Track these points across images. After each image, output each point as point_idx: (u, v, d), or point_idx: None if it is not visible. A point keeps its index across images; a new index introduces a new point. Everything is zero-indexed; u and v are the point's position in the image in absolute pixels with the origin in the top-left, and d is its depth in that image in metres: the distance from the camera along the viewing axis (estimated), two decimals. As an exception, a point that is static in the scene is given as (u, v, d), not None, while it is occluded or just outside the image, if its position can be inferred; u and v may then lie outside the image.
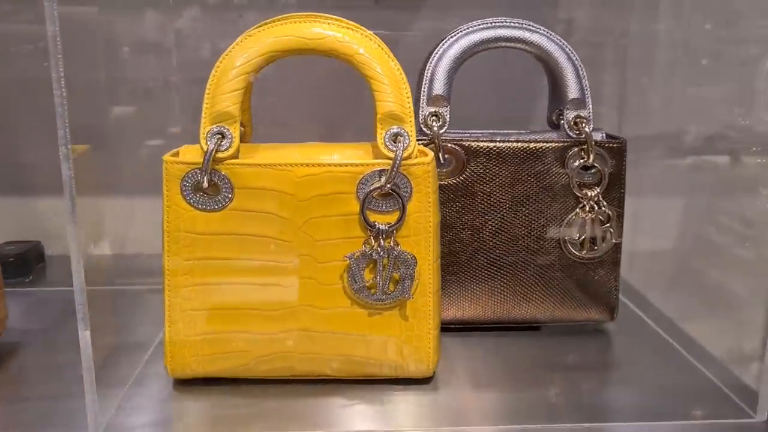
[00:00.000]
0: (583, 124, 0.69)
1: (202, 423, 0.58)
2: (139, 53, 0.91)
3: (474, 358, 0.69)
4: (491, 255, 0.71)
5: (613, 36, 0.95)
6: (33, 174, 0.97)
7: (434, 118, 0.69)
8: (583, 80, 0.71)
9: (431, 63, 0.70)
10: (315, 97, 0.95)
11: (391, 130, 0.58)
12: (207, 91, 0.58)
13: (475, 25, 0.71)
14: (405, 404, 0.61)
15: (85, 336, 0.53)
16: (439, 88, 0.70)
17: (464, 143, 0.69)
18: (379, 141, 0.58)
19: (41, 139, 0.96)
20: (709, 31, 0.88)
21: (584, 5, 0.94)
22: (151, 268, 0.98)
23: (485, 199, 0.70)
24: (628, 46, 0.94)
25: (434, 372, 0.63)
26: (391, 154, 0.58)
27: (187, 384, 0.63)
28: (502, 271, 0.71)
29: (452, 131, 0.71)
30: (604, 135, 0.72)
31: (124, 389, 0.62)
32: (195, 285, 0.59)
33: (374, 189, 0.58)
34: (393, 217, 0.58)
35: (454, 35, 0.70)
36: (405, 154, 0.58)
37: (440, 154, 0.68)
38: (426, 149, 0.61)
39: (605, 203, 0.70)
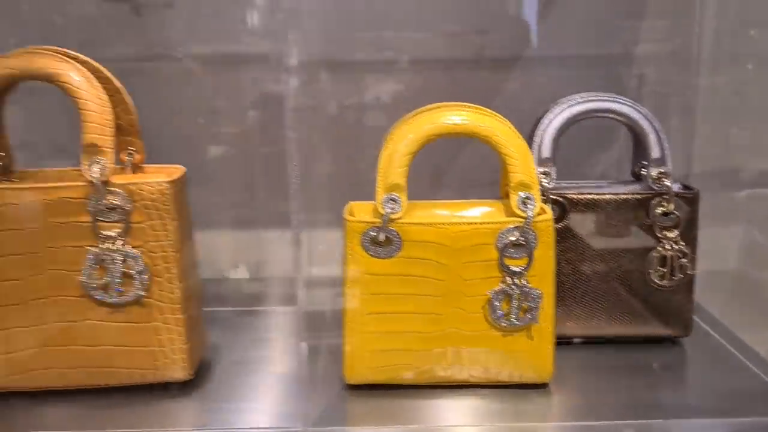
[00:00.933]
0: (664, 180, 0.86)
1: (375, 416, 0.76)
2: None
3: (577, 366, 0.86)
4: (589, 284, 0.88)
5: (677, 87, 1.12)
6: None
7: (543, 176, 0.87)
8: (663, 142, 0.87)
9: (540, 130, 0.87)
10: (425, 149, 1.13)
11: (522, 195, 0.76)
12: (379, 167, 0.76)
13: (575, 100, 0.87)
14: (529, 404, 0.78)
15: (302, 347, 0.72)
16: (546, 152, 0.87)
17: (567, 195, 0.87)
18: (513, 204, 0.76)
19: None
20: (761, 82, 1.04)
21: (653, 63, 1.10)
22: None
23: (583, 240, 0.87)
24: (694, 96, 1.10)
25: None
26: (523, 215, 0.75)
27: (355, 388, 0.81)
28: (597, 297, 0.88)
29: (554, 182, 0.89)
30: (680, 186, 0.89)
31: (312, 392, 0.81)
32: (370, 313, 0.78)
33: (510, 242, 0.75)
34: (523, 262, 0.76)
35: (560, 108, 0.87)
36: (533, 214, 0.75)
37: (549, 205, 0.86)
38: (546, 207, 0.79)
39: (682, 242, 0.87)
